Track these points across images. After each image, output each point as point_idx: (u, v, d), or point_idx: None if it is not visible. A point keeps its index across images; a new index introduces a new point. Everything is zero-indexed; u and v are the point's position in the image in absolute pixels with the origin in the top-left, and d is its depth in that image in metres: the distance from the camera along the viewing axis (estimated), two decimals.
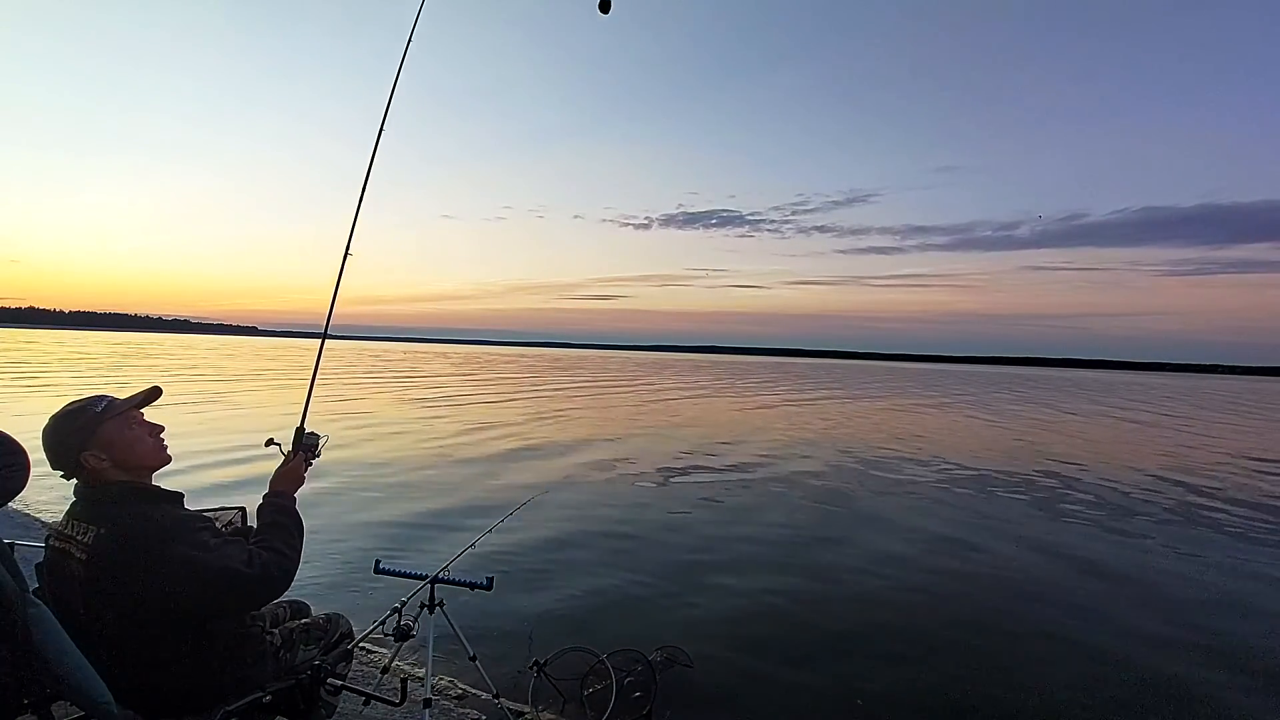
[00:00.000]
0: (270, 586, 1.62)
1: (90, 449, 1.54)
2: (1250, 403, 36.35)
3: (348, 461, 8.98)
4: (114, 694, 1.42)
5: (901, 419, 19.19)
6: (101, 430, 1.55)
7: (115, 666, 1.48)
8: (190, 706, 1.58)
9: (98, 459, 1.55)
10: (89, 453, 1.54)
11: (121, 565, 1.47)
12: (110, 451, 1.56)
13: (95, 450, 1.54)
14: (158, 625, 1.51)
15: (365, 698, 2.11)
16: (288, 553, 1.69)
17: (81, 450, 1.54)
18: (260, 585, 1.59)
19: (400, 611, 2.38)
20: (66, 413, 1.57)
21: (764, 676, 3.51)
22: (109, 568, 1.48)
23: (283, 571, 1.65)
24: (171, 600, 1.49)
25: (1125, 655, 3.91)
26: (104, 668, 1.45)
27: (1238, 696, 3.49)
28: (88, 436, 1.54)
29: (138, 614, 1.49)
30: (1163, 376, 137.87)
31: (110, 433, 1.56)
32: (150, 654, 1.53)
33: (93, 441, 1.54)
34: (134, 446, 1.60)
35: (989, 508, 7.76)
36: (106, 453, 1.55)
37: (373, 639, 2.84)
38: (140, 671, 1.54)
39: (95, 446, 1.54)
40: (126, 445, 1.58)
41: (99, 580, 1.49)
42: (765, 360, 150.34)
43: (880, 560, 5.59)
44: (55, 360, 32.63)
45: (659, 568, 5.18)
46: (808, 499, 7.90)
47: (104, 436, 1.55)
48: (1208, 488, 9.60)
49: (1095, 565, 5.64)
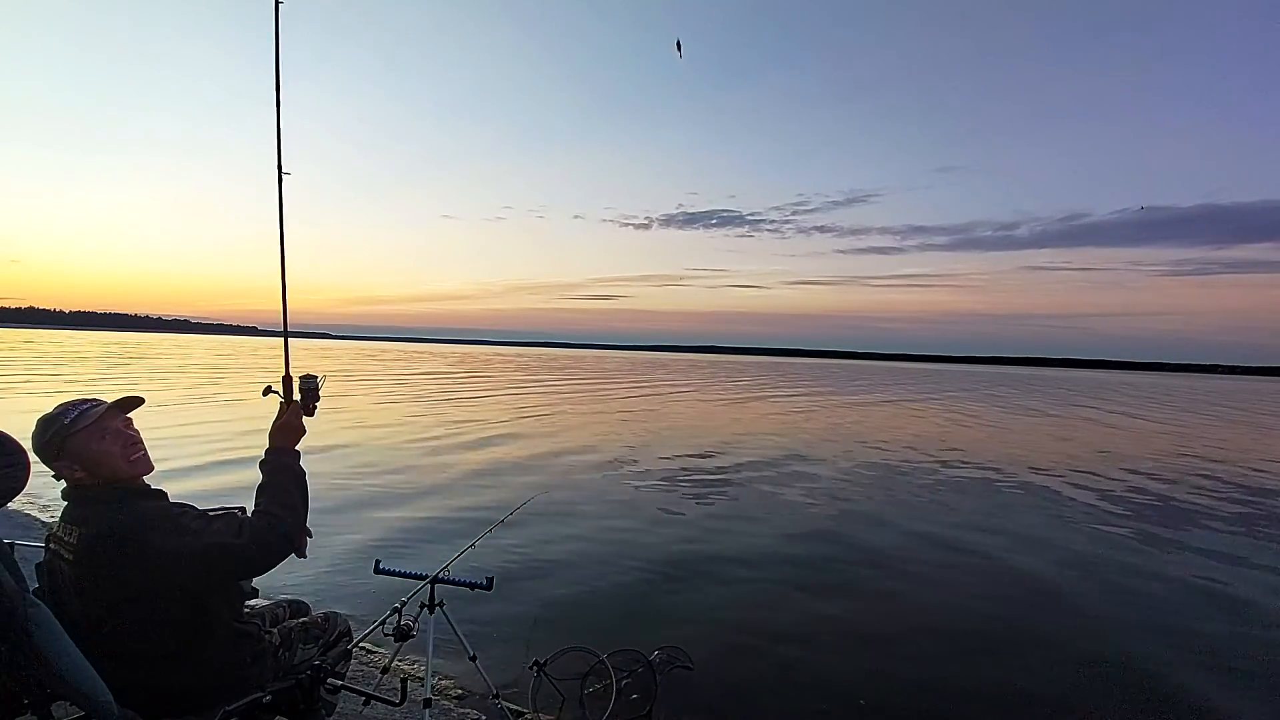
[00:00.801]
0: (267, 551, 1.57)
1: (61, 460, 1.55)
2: (1228, 403, 36.32)
3: (347, 461, 8.97)
4: (114, 694, 1.42)
5: (900, 419, 19.20)
6: (69, 443, 1.53)
7: (113, 665, 1.48)
8: (190, 706, 1.58)
9: (70, 469, 1.56)
10: (60, 464, 1.55)
11: (106, 562, 1.49)
12: (80, 462, 1.55)
13: (65, 462, 1.55)
14: (153, 619, 1.52)
15: (365, 698, 2.11)
16: (280, 513, 1.62)
17: (54, 461, 1.56)
18: (257, 551, 1.56)
19: (400, 611, 2.38)
20: (40, 423, 1.57)
21: (764, 677, 3.51)
22: (94, 566, 1.49)
23: (280, 535, 1.60)
24: (163, 587, 1.49)
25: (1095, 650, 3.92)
26: (102, 667, 1.45)
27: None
28: (59, 449, 1.54)
29: (131, 610, 1.50)
30: (1162, 376, 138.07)
31: (77, 446, 1.54)
32: (147, 651, 1.53)
33: (63, 453, 1.54)
34: (102, 460, 1.56)
35: (986, 506, 7.77)
36: (78, 463, 1.55)
37: (373, 639, 2.84)
38: (138, 669, 1.54)
39: (66, 458, 1.55)
40: (94, 459, 1.56)
41: (86, 579, 1.50)
42: (765, 360, 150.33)
43: (880, 560, 5.60)
44: (44, 360, 32.60)
45: (659, 568, 5.18)
46: (807, 498, 7.89)
47: (71, 449, 1.54)
48: (1093, 484, 9.60)
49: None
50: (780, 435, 14.17)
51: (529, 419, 15.41)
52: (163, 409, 14.01)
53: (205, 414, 13.67)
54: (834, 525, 6.73)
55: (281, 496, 1.67)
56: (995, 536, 6.48)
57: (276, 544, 1.59)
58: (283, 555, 1.62)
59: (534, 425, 14.17)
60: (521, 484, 8.02)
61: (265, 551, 1.58)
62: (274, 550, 1.59)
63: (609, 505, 7.16)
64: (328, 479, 7.47)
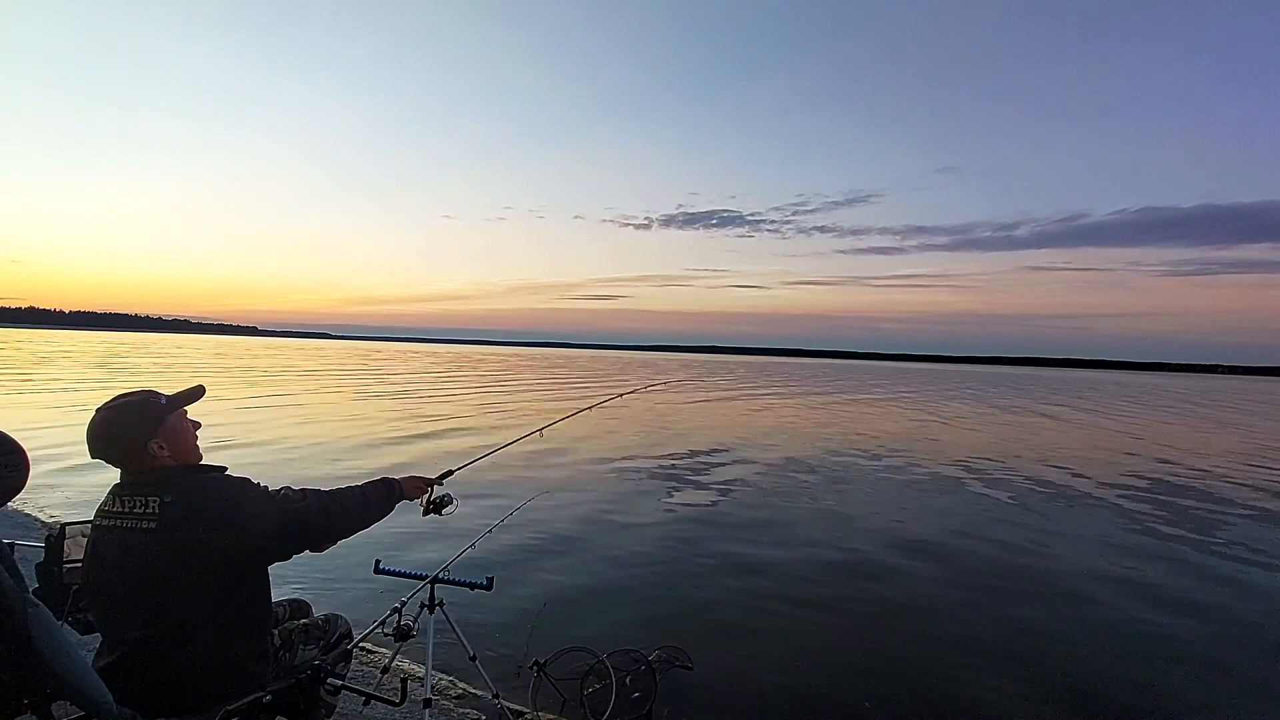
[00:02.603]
0: (326, 524, 1.74)
1: (157, 438, 1.65)
2: (1210, 402, 36.47)
3: (347, 461, 8.98)
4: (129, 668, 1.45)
5: (898, 418, 19.20)
6: (167, 422, 1.67)
7: (142, 634, 1.56)
8: (191, 706, 1.58)
9: (160, 448, 1.65)
10: (155, 441, 1.64)
11: (198, 525, 1.57)
12: (170, 442, 1.67)
13: (160, 439, 1.65)
14: (211, 580, 1.59)
15: (365, 698, 2.11)
16: (354, 501, 1.82)
17: (149, 439, 1.64)
18: (320, 519, 1.72)
19: (400, 611, 2.38)
20: (132, 403, 1.68)
21: (764, 678, 3.51)
22: (182, 530, 1.57)
23: (340, 510, 1.77)
24: (243, 551, 1.61)
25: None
26: (130, 640, 1.56)
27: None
28: (156, 426, 1.65)
29: (200, 567, 1.57)
30: (1161, 377, 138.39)
31: (173, 424, 1.69)
32: (180, 620, 1.57)
33: (160, 431, 1.65)
34: (186, 440, 1.73)
35: (984, 504, 7.79)
36: (168, 443, 1.66)
37: (373, 639, 2.84)
38: (164, 643, 1.57)
39: (161, 436, 1.65)
40: (182, 438, 1.71)
41: (170, 542, 1.56)
42: (764, 361, 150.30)
43: (881, 561, 5.60)
44: (30, 360, 32.59)
45: (659, 568, 5.19)
46: (807, 498, 7.90)
47: (168, 427, 1.67)
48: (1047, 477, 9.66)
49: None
50: (779, 435, 14.18)
51: (528, 419, 15.41)
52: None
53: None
54: (837, 525, 6.73)
55: (356, 504, 1.84)
56: (998, 538, 6.48)
57: (325, 522, 1.74)
58: (310, 542, 1.74)
59: (533, 424, 14.14)
60: (522, 484, 8.02)
61: (324, 522, 1.74)
62: (312, 530, 1.72)
63: (609, 505, 7.16)
64: (328, 479, 7.47)
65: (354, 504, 1.83)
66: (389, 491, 1.98)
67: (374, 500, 1.91)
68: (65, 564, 2.03)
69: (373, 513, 1.90)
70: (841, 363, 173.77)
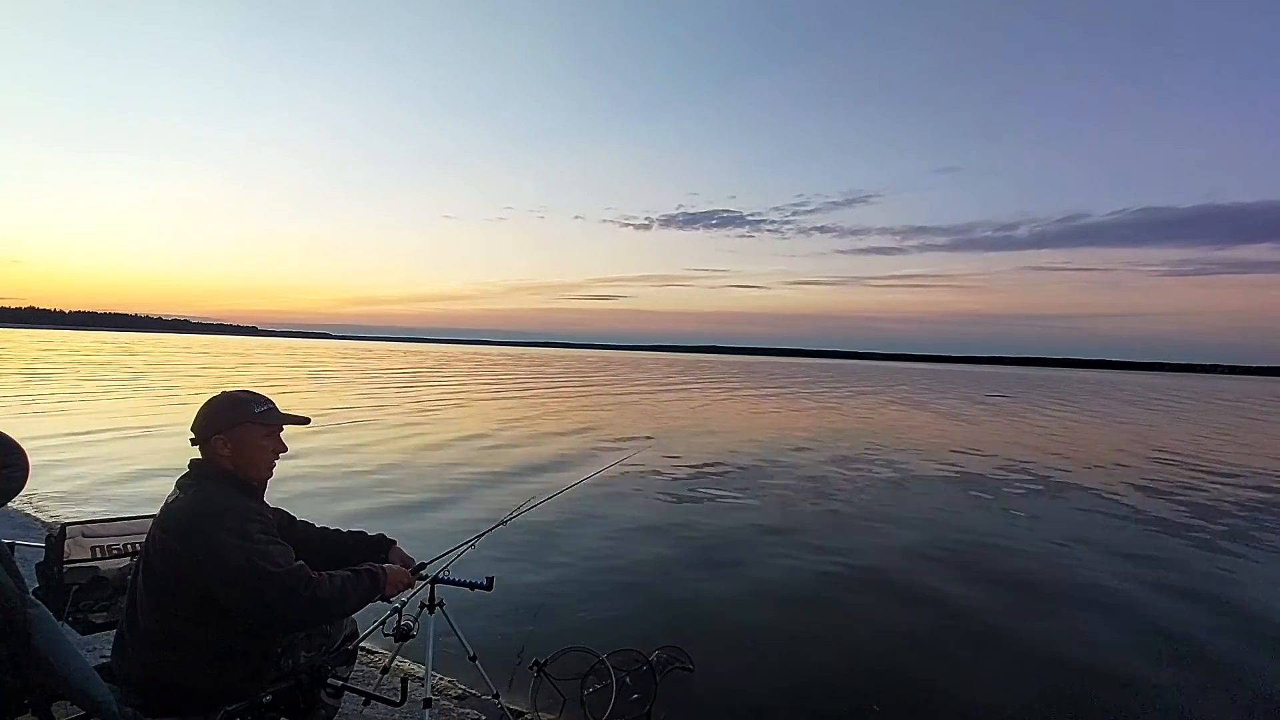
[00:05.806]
0: (286, 599, 1.53)
1: (223, 435, 1.67)
2: (1200, 401, 36.43)
3: (348, 460, 8.97)
4: (133, 664, 1.47)
5: (898, 418, 19.20)
6: (241, 427, 1.68)
7: (148, 627, 1.56)
8: (191, 706, 1.58)
9: (223, 445, 1.67)
10: (220, 437, 1.67)
11: (175, 533, 1.55)
12: (235, 446, 1.68)
13: (224, 437, 1.67)
14: (188, 600, 1.56)
15: (365, 698, 2.11)
16: (330, 592, 1.61)
17: (216, 433, 1.67)
18: (280, 592, 1.53)
19: (400, 611, 2.37)
20: (232, 397, 1.71)
21: (765, 679, 3.50)
22: (168, 530, 1.57)
23: (310, 597, 1.56)
24: (198, 579, 1.53)
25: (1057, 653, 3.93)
26: (137, 633, 1.58)
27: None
28: (230, 425, 1.67)
29: (177, 585, 1.55)
30: (1160, 377, 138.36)
31: (246, 433, 1.69)
32: (180, 620, 1.57)
33: (230, 431, 1.67)
34: (255, 456, 1.71)
35: (980, 504, 7.79)
36: (232, 446, 1.67)
37: (373, 639, 2.83)
38: (164, 646, 1.57)
39: (229, 435, 1.67)
40: (249, 450, 1.69)
41: (159, 540, 1.58)
42: (765, 361, 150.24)
43: (883, 562, 5.59)
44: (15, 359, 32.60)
45: (659, 568, 5.18)
46: (808, 499, 7.89)
47: (239, 433, 1.68)
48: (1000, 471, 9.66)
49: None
50: (778, 435, 14.17)
51: (527, 419, 15.40)
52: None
53: None
54: (837, 526, 6.73)
55: (348, 585, 1.67)
56: (1000, 541, 6.48)
57: (301, 605, 1.55)
58: (295, 616, 1.58)
59: (532, 425, 14.16)
60: (522, 484, 8.02)
61: (285, 598, 1.53)
62: (292, 605, 1.55)
63: (610, 505, 7.15)
64: (327, 479, 7.46)
65: (327, 595, 1.61)
66: (373, 585, 1.76)
67: (353, 594, 1.70)
68: (65, 564, 2.03)
69: (351, 605, 1.71)
70: (842, 363, 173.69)
